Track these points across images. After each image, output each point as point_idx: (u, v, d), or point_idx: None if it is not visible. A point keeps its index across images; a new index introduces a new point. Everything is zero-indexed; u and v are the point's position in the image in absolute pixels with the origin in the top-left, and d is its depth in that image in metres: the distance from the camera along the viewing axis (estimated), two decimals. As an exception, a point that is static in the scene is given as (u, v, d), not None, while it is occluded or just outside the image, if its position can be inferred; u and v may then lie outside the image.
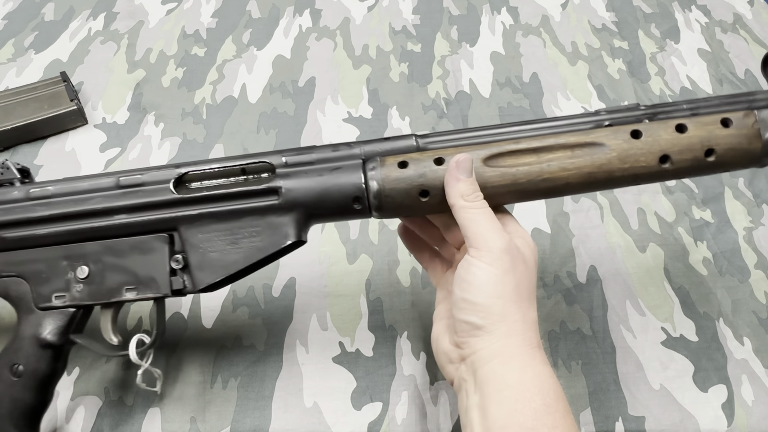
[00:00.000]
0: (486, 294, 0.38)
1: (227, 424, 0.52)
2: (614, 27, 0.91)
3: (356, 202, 0.42)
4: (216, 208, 0.43)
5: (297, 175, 0.43)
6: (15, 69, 0.83)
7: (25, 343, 0.45)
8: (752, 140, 0.40)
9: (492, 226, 0.39)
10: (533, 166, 0.41)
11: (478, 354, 0.38)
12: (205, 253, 0.43)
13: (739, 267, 0.63)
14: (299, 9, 0.93)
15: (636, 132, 0.41)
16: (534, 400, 0.35)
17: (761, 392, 0.54)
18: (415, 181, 0.41)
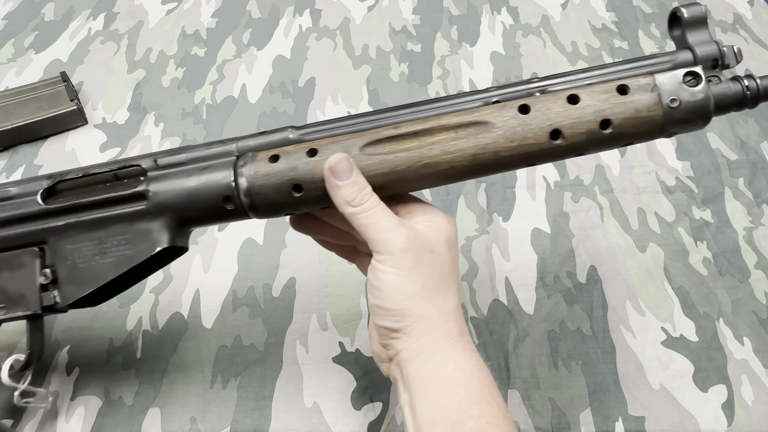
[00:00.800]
0: (396, 298, 0.37)
1: (227, 424, 0.52)
2: (614, 27, 0.91)
3: (227, 202, 0.39)
4: (83, 217, 0.41)
5: (166, 178, 0.41)
6: (15, 69, 0.83)
7: None
8: (652, 107, 0.36)
9: (387, 225, 0.37)
10: (413, 152, 0.38)
11: (401, 354, 0.38)
12: (74, 265, 0.41)
13: (739, 267, 0.63)
14: (299, 9, 0.93)
15: (524, 107, 0.37)
16: (458, 393, 0.35)
17: (761, 392, 0.54)
18: (286, 175, 0.38)
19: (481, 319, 0.58)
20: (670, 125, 0.37)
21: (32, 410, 0.52)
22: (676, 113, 0.36)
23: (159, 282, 0.61)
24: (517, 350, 0.56)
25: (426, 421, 0.35)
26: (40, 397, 0.49)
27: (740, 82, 0.37)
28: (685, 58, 0.38)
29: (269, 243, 0.64)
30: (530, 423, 0.52)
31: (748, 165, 0.72)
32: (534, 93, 0.38)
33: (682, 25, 0.38)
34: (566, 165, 0.72)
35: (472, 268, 0.62)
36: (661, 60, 0.38)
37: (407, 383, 0.37)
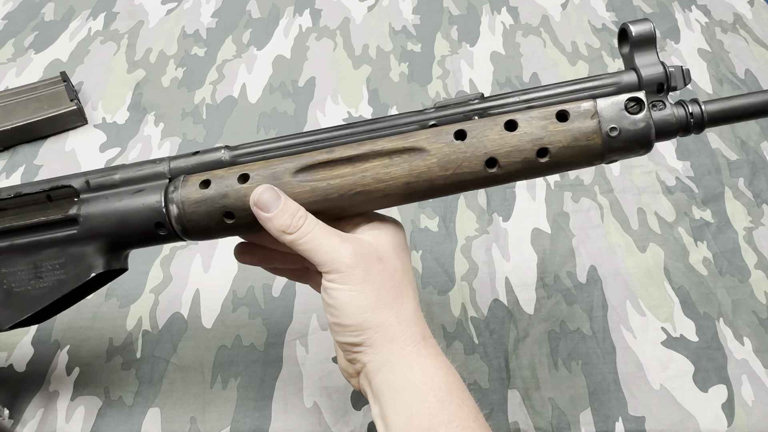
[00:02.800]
0: (352, 313, 0.36)
1: (227, 424, 0.52)
2: (614, 27, 0.91)
3: (159, 228, 0.38)
4: (17, 241, 0.40)
5: (97, 200, 0.39)
6: (15, 69, 0.83)
7: None
8: (591, 136, 0.35)
9: (330, 244, 0.36)
10: (346, 179, 0.37)
11: (367, 367, 0.37)
12: (9, 290, 0.40)
13: (739, 267, 0.63)
14: (299, 9, 0.93)
15: (460, 132, 0.36)
16: (427, 399, 0.35)
17: (761, 392, 0.54)
18: (217, 203, 0.37)
19: (481, 319, 0.58)
20: (608, 153, 0.36)
21: (32, 410, 0.52)
22: (616, 142, 0.35)
23: (159, 282, 0.61)
24: (517, 350, 0.56)
25: (398, 431, 0.35)
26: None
27: (684, 107, 0.37)
28: (630, 80, 0.37)
29: (269, 243, 0.64)
30: (530, 423, 0.52)
31: (748, 165, 0.72)
32: (473, 116, 0.37)
33: (630, 42, 0.37)
34: (566, 165, 0.72)
35: (472, 268, 0.62)
36: (606, 82, 0.37)
37: (376, 395, 0.37)
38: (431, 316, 0.58)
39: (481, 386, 0.54)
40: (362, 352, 0.37)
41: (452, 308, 0.59)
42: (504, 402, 0.53)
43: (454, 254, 0.63)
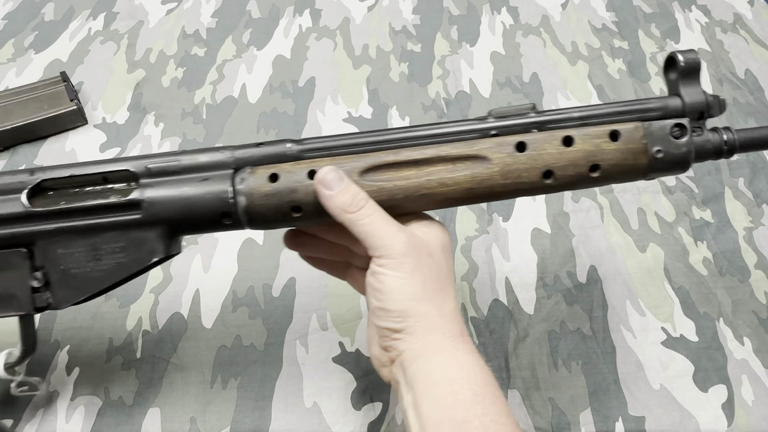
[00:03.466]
0: (397, 299, 0.37)
1: (227, 424, 0.52)
2: (614, 27, 0.91)
3: (225, 218, 0.39)
4: (75, 222, 0.39)
5: (161, 186, 0.39)
6: (15, 69, 0.83)
7: None
8: (638, 155, 0.39)
9: (387, 230, 0.38)
10: (411, 181, 0.39)
11: (403, 355, 0.38)
12: (66, 271, 0.40)
13: (739, 267, 0.63)
14: (299, 9, 0.93)
15: (521, 144, 0.39)
16: (462, 392, 0.35)
17: (761, 392, 0.54)
18: (287, 197, 0.38)
19: (481, 319, 0.58)
20: (651, 172, 0.39)
21: (32, 409, 0.52)
22: (659, 163, 0.39)
23: (159, 282, 0.61)
24: (517, 350, 0.56)
25: (432, 421, 0.35)
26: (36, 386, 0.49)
27: (719, 134, 0.40)
28: (675, 105, 0.40)
29: (269, 243, 0.64)
30: (530, 423, 0.52)
31: (748, 165, 0.72)
32: (531, 129, 0.40)
33: (678, 70, 0.39)
34: (566, 165, 0.72)
35: (472, 268, 0.62)
36: (653, 105, 0.40)
37: (410, 384, 0.37)
38: (431, 316, 0.58)
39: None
40: (401, 339, 0.38)
41: (452, 308, 0.59)
42: (504, 402, 0.53)
43: (454, 254, 0.63)
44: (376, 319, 0.39)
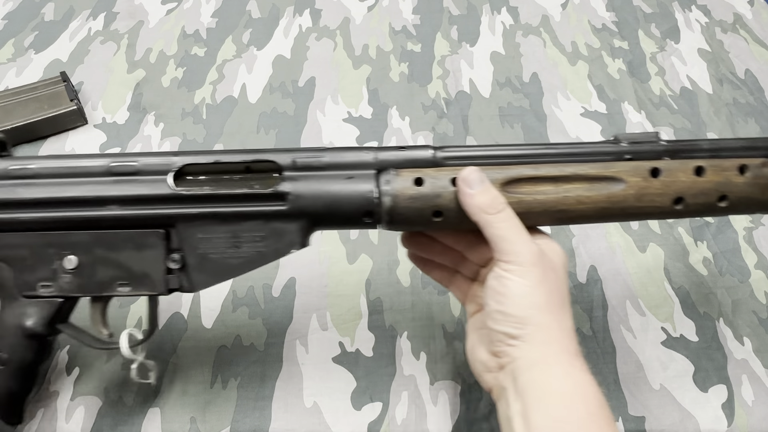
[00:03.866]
0: (520, 305, 0.38)
1: (227, 424, 0.52)
2: (614, 27, 0.91)
3: (367, 216, 0.40)
4: (219, 208, 0.41)
5: (306, 180, 0.40)
6: (15, 69, 0.83)
7: (9, 332, 0.43)
8: (765, 190, 0.41)
9: (520, 237, 0.38)
10: (550, 196, 0.40)
11: (516, 362, 0.38)
12: (204, 255, 0.41)
13: (739, 267, 0.63)
14: (299, 9, 0.93)
15: (655, 170, 0.41)
16: (577, 409, 0.35)
17: (761, 392, 0.54)
18: (431, 201, 0.40)
19: (481, 319, 0.58)
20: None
21: (32, 409, 0.52)
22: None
23: (159, 282, 0.60)
24: (517, 350, 0.56)
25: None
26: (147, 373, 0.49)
27: None
28: None
29: (269, 243, 0.64)
30: (530, 423, 0.52)
31: (748, 165, 0.72)
32: (663, 156, 0.42)
33: None
34: (566, 165, 0.72)
35: (472, 268, 0.62)
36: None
37: (521, 393, 0.37)
38: (431, 316, 0.58)
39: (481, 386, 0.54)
40: (516, 347, 0.38)
41: (452, 308, 0.59)
42: (504, 402, 0.53)
43: (454, 254, 0.63)
44: (493, 323, 0.39)
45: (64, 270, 0.42)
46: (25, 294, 0.43)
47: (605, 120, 0.77)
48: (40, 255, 0.42)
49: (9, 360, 0.43)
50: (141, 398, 0.53)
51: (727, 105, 0.80)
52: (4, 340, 0.43)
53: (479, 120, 0.77)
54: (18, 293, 0.43)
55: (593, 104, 0.79)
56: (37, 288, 0.42)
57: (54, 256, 0.42)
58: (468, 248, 0.44)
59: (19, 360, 0.44)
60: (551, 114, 0.78)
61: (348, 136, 0.75)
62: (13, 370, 0.43)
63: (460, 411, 0.52)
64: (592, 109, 0.79)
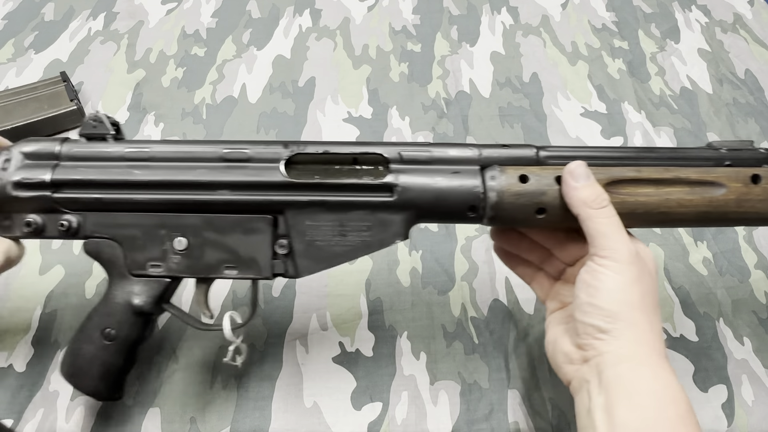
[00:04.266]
0: (613, 300, 0.38)
1: (227, 424, 0.52)
2: (614, 27, 0.91)
3: (471, 210, 0.41)
4: (328, 197, 0.42)
5: (413, 173, 0.42)
6: (15, 69, 0.83)
7: (118, 309, 0.44)
8: None
9: (619, 235, 0.39)
10: (652, 198, 0.41)
11: (604, 357, 0.38)
12: (311, 242, 0.42)
13: (739, 267, 0.63)
14: (299, 9, 0.93)
15: (756, 177, 0.42)
16: (668, 410, 0.35)
17: (761, 392, 0.54)
18: (536, 198, 0.41)
19: (481, 319, 0.58)
20: None
21: (32, 409, 0.52)
22: None
23: (159, 282, 0.60)
24: (517, 350, 0.56)
25: (629, 428, 0.35)
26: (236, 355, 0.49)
27: None
28: None
29: (269, 243, 0.64)
30: (530, 423, 0.52)
31: (748, 165, 0.72)
32: (762, 164, 0.43)
33: None
34: (566, 165, 0.72)
35: (472, 268, 0.62)
36: None
37: (606, 387, 0.37)
38: (431, 316, 0.58)
39: (481, 386, 0.54)
40: (604, 341, 0.38)
41: (452, 308, 0.59)
42: (504, 402, 0.53)
43: (454, 254, 0.63)
44: (583, 315, 0.39)
45: (174, 251, 0.44)
46: (134, 273, 0.44)
47: (605, 120, 0.77)
48: (152, 235, 0.44)
49: (116, 336, 0.45)
50: (141, 398, 0.53)
51: (727, 105, 0.80)
52: (114, 317, 0.45)
53: (479, 120, 0.77)
54: (127, 272, 0.44)
55: (593, 104, 0.79)
56: (147, 267, 0.44)
57: (165, 237, 0.44)
58: (557, 246, 0.45)
59: (125, 336, 0.45)
60: (551, 114, 0.78)
61: (348, 136, 0.75)
62: (119, 346, 0.45)
63: (460, 411, 0.52)
64: (592, 109, 0.79)
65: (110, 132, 0.45)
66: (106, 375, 0.45)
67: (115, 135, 0.45)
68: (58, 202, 0.43)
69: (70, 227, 0.43)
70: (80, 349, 0.45)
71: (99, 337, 0.44)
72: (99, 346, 0.44)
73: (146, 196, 0.43)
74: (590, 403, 0.37)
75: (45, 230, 0.44)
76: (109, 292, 0.45)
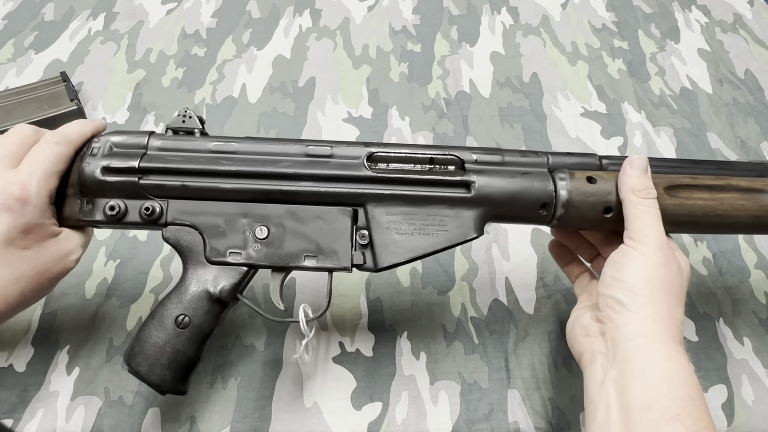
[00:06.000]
0: (636, 276, 0.39)
1: (227, 424, 0.52)
2: (614, 27, 0.91)
3: (543, 209, 0.44)
4: (408, 191, 0.44)
5: (488, 174, 0.44)
6: (15, 69, 0.83)
7: (193, 296, 0.44)
8: None
9: (655, 225, 0.41)
10: (708, 202, 0.44)
11: (620, 330, 0.39)
12: (391, 234, 0.44)
13: (739, 267, 0.63)
14: (299, 9, 0.93)
15: None
16: (679, 389, 0.36)
17: (761, 392, 0.54)
18: (603, 198, 0.43)
19: (481, 319, 0.58)
20: None
21: (32, 409, 0.52)
22: None
23: (159, 282, 0.60)
24: (517, 350, 0.56)
25: (640, 403, 0.36)
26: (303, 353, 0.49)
27: None
28: None
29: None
30: (530, 423, 0.52)
31: (748, 165, 0.72)
32: None
33: None
34: (566, 165, 0.72)
35: (472, 268, 0.62)
36: None
37: (621, 360, 0.38)
38: (431, 316, 0.58)
39: (481, 386, 0.54)
40: (622, 314, 0.39)
41: (452, 308, 0.59)
42: (504, 402, 0.53)
43: (454, 254, 0.63)
44: (605, 288, 0.41)
45: (255, 239, 0.44)
46: (213, 260, 0.45)
47: (605, 120, 0.77)
48: (233, 224, 0.44)
49: (189, 323, 0.44)
50: (141, 398, 0.53)
51: (727, 105, 0.80)
52: (188, 304, 0.44)
53: (479, 120, 0.77)
54: (205, 258, 0.45)
55: (593, 104, 0.79)
56: (227, 255, 0.44)
57: (246, 226, 0.44)
58: (602, 243, 0.48)
59: (198, 324, 0.45)
60: (551, 114, 0.78)
61: (348, 136, 0.75)
62: (192, 334, 0.44)
63: (460, 411, 0.52)
64: (592, 109, 0.79)
65: (198, 127, 0.47)
66: (176, 364, 0.44)
67: (201, 130, 0.47)
68: (143, 188, 0.44)
69: (153, 212, 0.44)
70: (150, 336, 0.44)
71: (172, 324, 0.44)
72: (171, 333, 0.44)
73: (231, 185, 0.44)
74: (603, 375, 0.38)
75: (126, 215, 0.45)
76: (184, 279, 0.45)
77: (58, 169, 0.43)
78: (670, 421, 0.34)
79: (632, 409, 0.35)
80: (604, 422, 0.37)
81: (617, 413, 0.36)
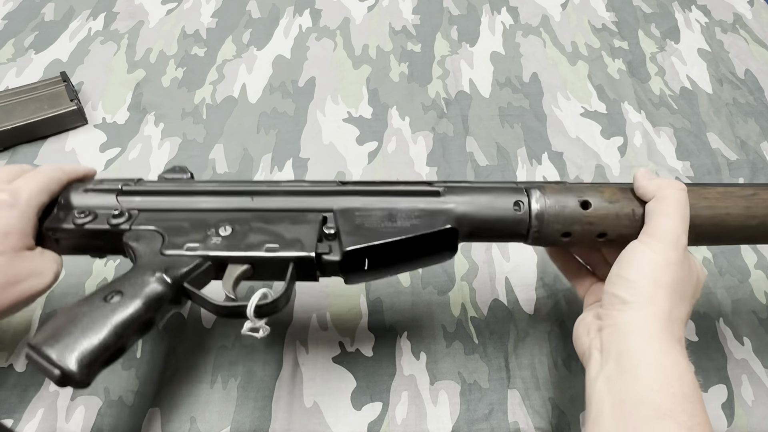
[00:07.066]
0: (640, 273, 0.39)
1: (227, 424, 0.52)
2: (614, 27, 0.91)
3: (516, 205, 0.44)
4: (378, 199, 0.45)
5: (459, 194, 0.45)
6: (15, 69, 0.83)
7: (134, 277, 0.40)
8: None
9: (674, 224, 0.40)
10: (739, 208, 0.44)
11: (617, 326, 0.39)
12: (360, 225, 0.44)
13: (739, 267, 0.63)
14: (299, 9, 0.93)
15: None
16: (672, 385, 0.36)
17: (761, 392, 0.54)
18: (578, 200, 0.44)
19: (481, 319, 0.58)
20: None
21: (32, 409, 0.52)
22: None
23: (159, 282, 0.60)
24: (517, 350, 0.56)
25: (632, 399, 0.35)
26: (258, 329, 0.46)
27: None
28: None
29: (269, 243, 0.64)
30: (530, 423, 0.52)
31: (748, 165, 0.72)
32: None
33: None
34: (566, 164, 0.72)
35: (472, 268, 0.62)
36: None
37: (616, 356, 0.38)
38: (431, 316, 0.58)
39: (481, 386, 0.54)
40: (622, 311, 0.39)
41: (452, 308, 0.59)
42: (504, 402, 0.53)
43: (454, 254, 0.63)
44: (610, 285, 0.40)
45: (218, 235, 0.44)
46: (166, 252, 0.42)
47: (605, 120, 0.77)
48: (200, 226, 0.44)
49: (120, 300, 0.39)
50: (141, 398, 0.53)
51: (727, 105, 0.80)
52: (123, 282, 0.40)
53: (479, 120, 0.77)
54: (159, 251, 0.43)
55: (593, 104, 0.79)
56: (183, 248, 0.43)
57: (212, 227, 0.44)
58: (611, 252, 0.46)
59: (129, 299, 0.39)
60: (551, 114, 0.78)
61: (348, 136, 0.75)
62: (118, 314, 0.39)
63: (460, 411, 0.52)
64: (592, 109, 0.79)
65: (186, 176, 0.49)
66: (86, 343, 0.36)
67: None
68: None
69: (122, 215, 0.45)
70: (69, 311, 0.38)
71: (100, 301, 0.38)
72: (95, 306, 0.38)
73: (205, 206, 0.45)
74: (599, 371, 0.38)
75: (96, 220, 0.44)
76: (130, 270, 0.41)
77: (50, 188, 0.44)
78: (662, 417, 0.34)
79: (624, 405, 0.35)
80: (597, 417, 0.37)
81: (610, 408, 0.36)
